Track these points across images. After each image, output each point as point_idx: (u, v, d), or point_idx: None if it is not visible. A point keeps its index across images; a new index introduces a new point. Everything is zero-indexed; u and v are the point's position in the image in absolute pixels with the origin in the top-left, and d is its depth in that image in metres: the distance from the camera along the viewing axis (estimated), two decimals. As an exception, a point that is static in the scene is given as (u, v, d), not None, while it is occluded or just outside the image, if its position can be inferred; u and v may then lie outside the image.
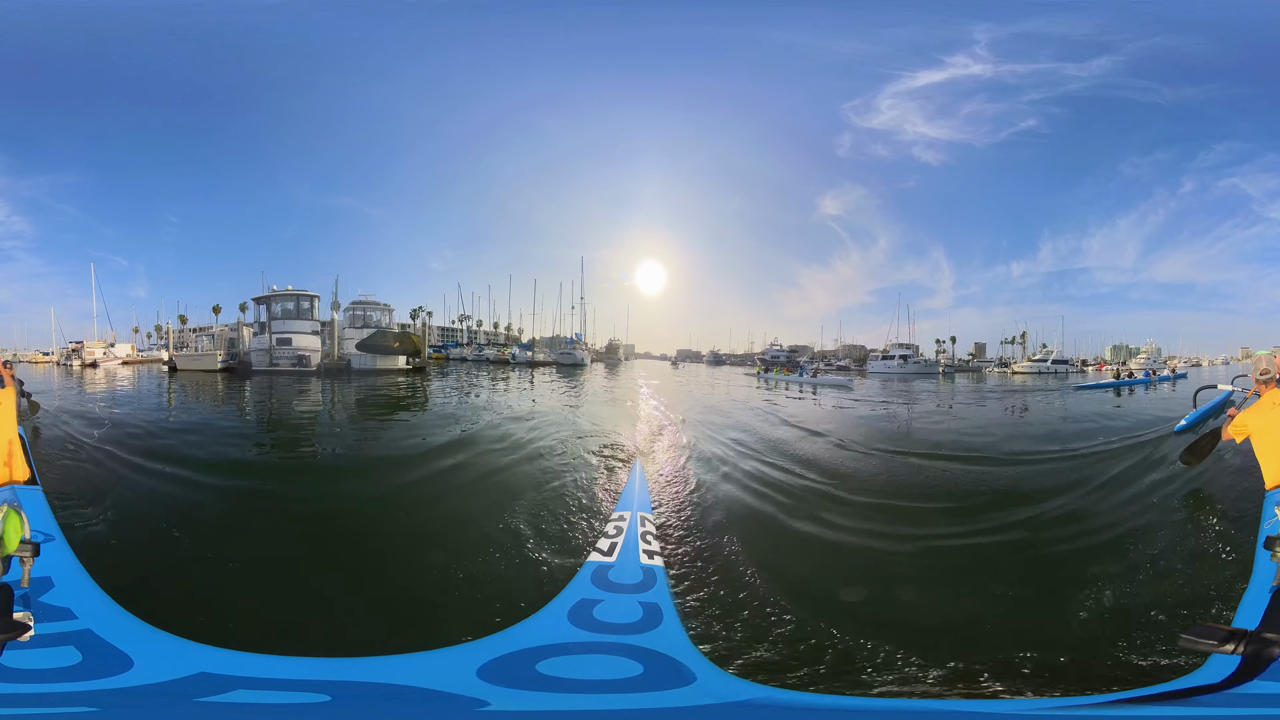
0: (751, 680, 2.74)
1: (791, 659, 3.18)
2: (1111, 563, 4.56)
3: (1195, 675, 2.47)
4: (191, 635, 2.71)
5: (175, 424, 12.02)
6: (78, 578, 3.09)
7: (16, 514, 2.65)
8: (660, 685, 2.43)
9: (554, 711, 2.28)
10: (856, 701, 2.74)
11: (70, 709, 2.19)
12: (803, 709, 2.51)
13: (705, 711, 2.33)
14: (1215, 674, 2.35)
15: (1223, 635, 2.29)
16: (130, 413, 13.39)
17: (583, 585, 3.25)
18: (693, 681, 2.47)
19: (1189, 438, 9.46)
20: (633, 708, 2.30)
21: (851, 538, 5.40)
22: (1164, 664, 3.08)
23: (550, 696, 2.33)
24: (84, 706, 2.21)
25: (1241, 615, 2.89)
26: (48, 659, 2.42)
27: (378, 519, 5.96)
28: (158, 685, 2.35)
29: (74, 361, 37.60)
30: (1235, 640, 2.26)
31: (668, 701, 2.34)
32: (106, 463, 7.67)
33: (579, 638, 2.77)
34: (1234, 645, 2.25)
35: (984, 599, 4.13)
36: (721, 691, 2.45)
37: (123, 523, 5.31)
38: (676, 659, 2.59)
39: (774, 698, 2.53)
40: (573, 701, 2.30)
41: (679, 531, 5.21)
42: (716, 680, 2.53)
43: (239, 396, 18.60)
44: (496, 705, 2.30)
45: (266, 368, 27.10)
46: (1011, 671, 3.08)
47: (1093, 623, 3.65)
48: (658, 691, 2.39)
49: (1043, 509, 6.06)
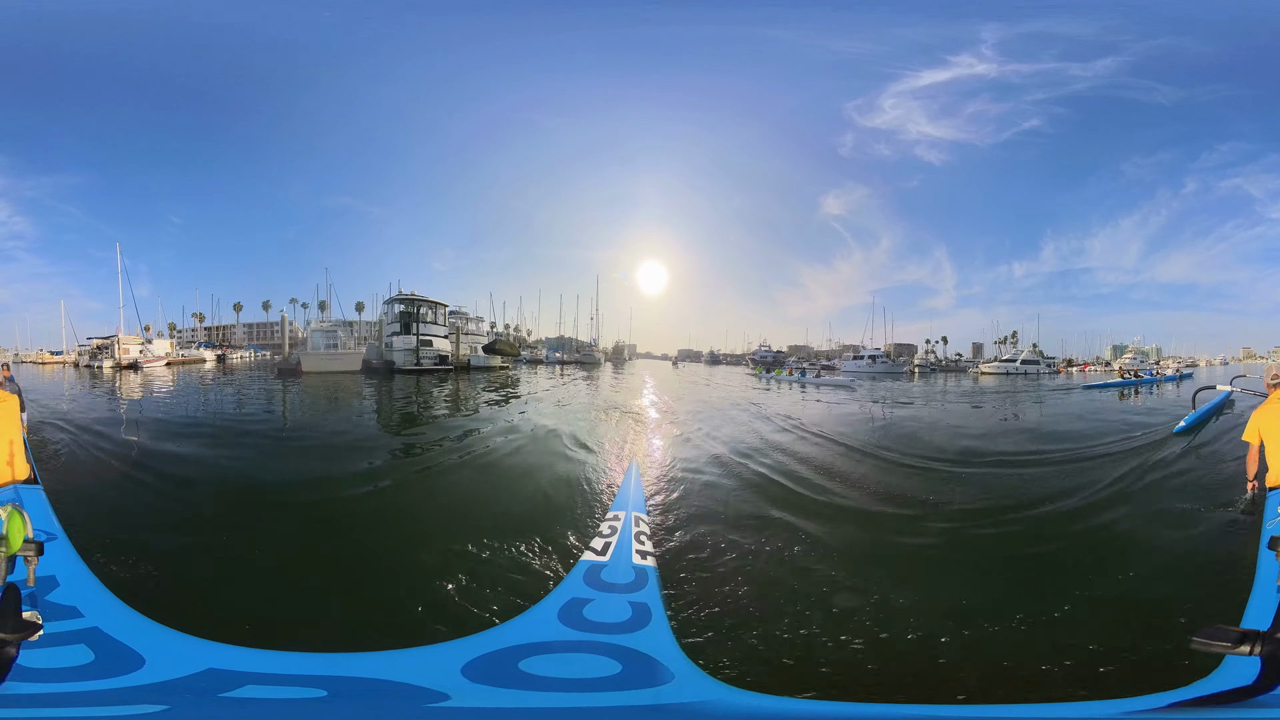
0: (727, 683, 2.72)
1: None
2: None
3: (1215, 679, 2.39)
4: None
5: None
6: (82, 576, 3.11)
7: (19, 514, 2.64)
8: (636, 684, 2.43)
9: (526, 709, 2.26)
10: (833, 706, 2.75)
11: (90, 709, 2.17)
12: (778, 713, 2.49)
13: (674, 710, 2.32)
14: (1238, 677, 2.27)
15: (1235, 636, 2.20)
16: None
17: (575, 584, 3.25)
18: (669, 681, 2.47)
19: (1188, 438, 9.46)
20: (604, 705, 2.29)
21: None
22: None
23: (525, 694, 2.32)
24: (103, 706, 2.19)
25: (1250, 616, 2.82)
26: (61, 658, 2.42)
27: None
28: (171, 682, 2.34)
29: (101, 362, 32.20)
30: (1249, 641, 2.18)
31: (640, 700, 2.33)
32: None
33: (565, 636, 2.76)
34: (1249, 647, 2.17)
35: (985, 601, 4.06)
36: (694, 691, 2.44)
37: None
38: (655, 658, 2.59)
39: (747, 701, 2.52)
40: (547, 699, 2.29)
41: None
42: (692, 680, 2.52)
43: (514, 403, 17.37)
44: (471, 702, 2.30)
45: (412, 367, 28.77)
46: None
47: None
48: (632, 690, 2.39)
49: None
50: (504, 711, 2.26)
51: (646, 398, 19.84)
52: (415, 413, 15.69)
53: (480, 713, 2.27)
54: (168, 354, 35.22)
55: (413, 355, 29.28)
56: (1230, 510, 5.45)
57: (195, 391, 20.73)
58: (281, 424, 13.31)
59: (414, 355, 29.29)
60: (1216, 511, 5.58)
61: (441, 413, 15.74)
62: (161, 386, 21.98)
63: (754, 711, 2.46)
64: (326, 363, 28.20)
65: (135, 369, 30.94)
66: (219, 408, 15.82)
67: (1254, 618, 2.77)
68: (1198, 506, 5.81)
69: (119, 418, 13.37)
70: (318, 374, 26.69)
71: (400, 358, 29.04)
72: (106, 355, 32.27)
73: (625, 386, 25.61)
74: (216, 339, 41.16)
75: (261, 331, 45.07)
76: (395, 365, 28.74)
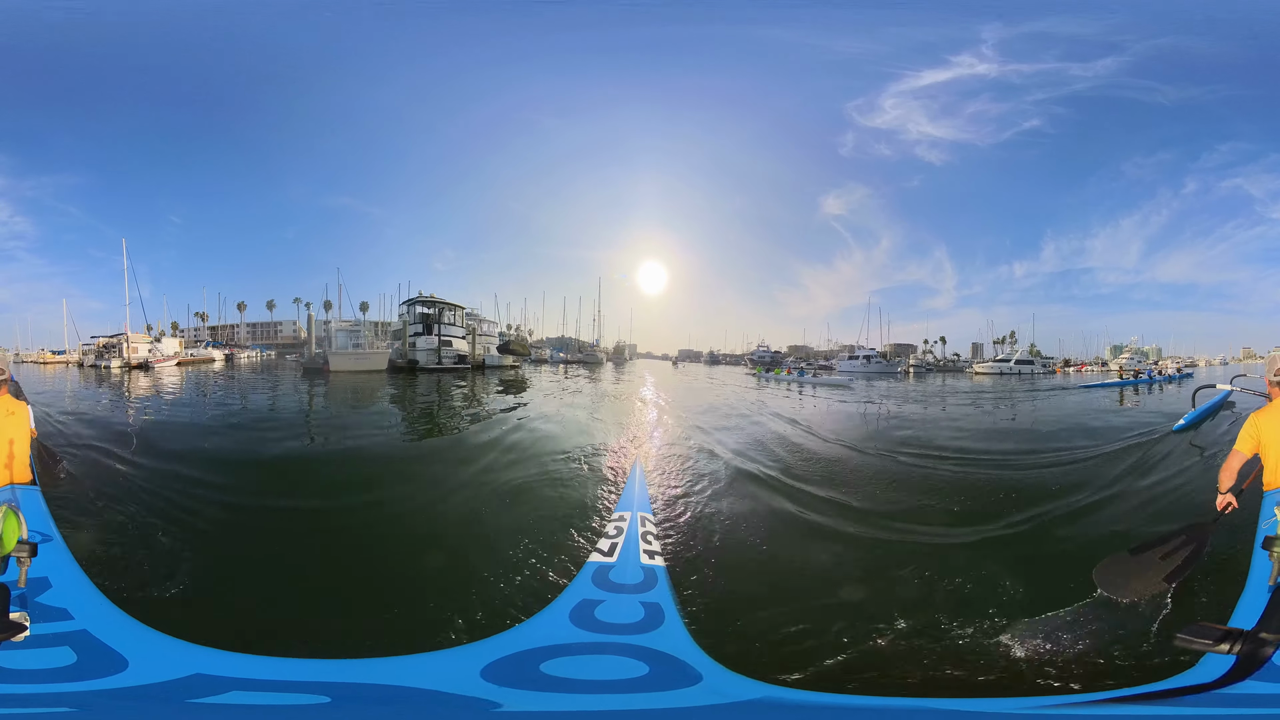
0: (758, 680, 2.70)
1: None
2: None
3: (1187, 675, 2.44)
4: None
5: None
6: (75, 579, 3.06)
7: (14, 514, 2.65)
8: (667, 685, 2.41)
9: (564, 712, 2.25)
10: (863, 700, 2.71)
11: (62, 709, 2.16)
12: (809, 707, 2.47)
13: (715, 711, 2.30)
14: (1207, 673, 2.34)
15: (1218, 635, 2.27)
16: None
17: (584, 586, 3.23)
18: (699, 681, 2.45)
19: (1188, 435, 9.52)
20: (641, 708, 2.28)
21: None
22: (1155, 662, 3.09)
23: (558, 697, 2.31)
24: (74, 707, 2.18)
25: (1239, 615, 2.85)
26: (43, 659, 2.40)
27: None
28: (152, 686, 2.33)
29: (109, 361, 30.85)
30: (1231, 640, 2.25)
31: (676, 701, 2.31)
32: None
33: (582, 638, 2.74)
34: (1229, 645, 2.24)
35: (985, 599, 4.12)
36: (729, 691, 2.42)
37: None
38: (681, 659, 2.57)
39: (782, 696, 2.49)
40: (581, 702, 2.28)
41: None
42: (723, 679, 2.49)
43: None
44: (507, 706, 2.27)
45: (434, 366, 30.13)
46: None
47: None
48: (665, 691, 2.37)
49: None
50: (543, 715, 2.25)
51: (647, 393, 21.57)
52: (479, 412, 15.26)
53: (520, 716, 2.25)
54: (177, 353, 34.34)
55: (435, 355, 30.38)
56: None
57: (233, 395, 18.21)
58: (406, 431, 12.07)
59: (436, 355, 30.41)
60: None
61: (498, 406, 15.93)
62: (187, 387, 20.12)
63: (794, 707, 2.44)
64: (354, 362, 28.54)
65: (145, 369, 29.79)
66: (293, 418, 13.82)
67: (1242, 616, 2.81)
68: (1194, 506, 5.85)
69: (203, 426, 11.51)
70: (346, 374, 27.03)
71: (423, 357, 30.11)
72: (114, 355, 31.20)
73: (626, 382, 28.14)
74: (223, 339, 40.95)
75: (264, 331, 44.99)
76: (419, 364, 29.72)
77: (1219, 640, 2.25)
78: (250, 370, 33.17)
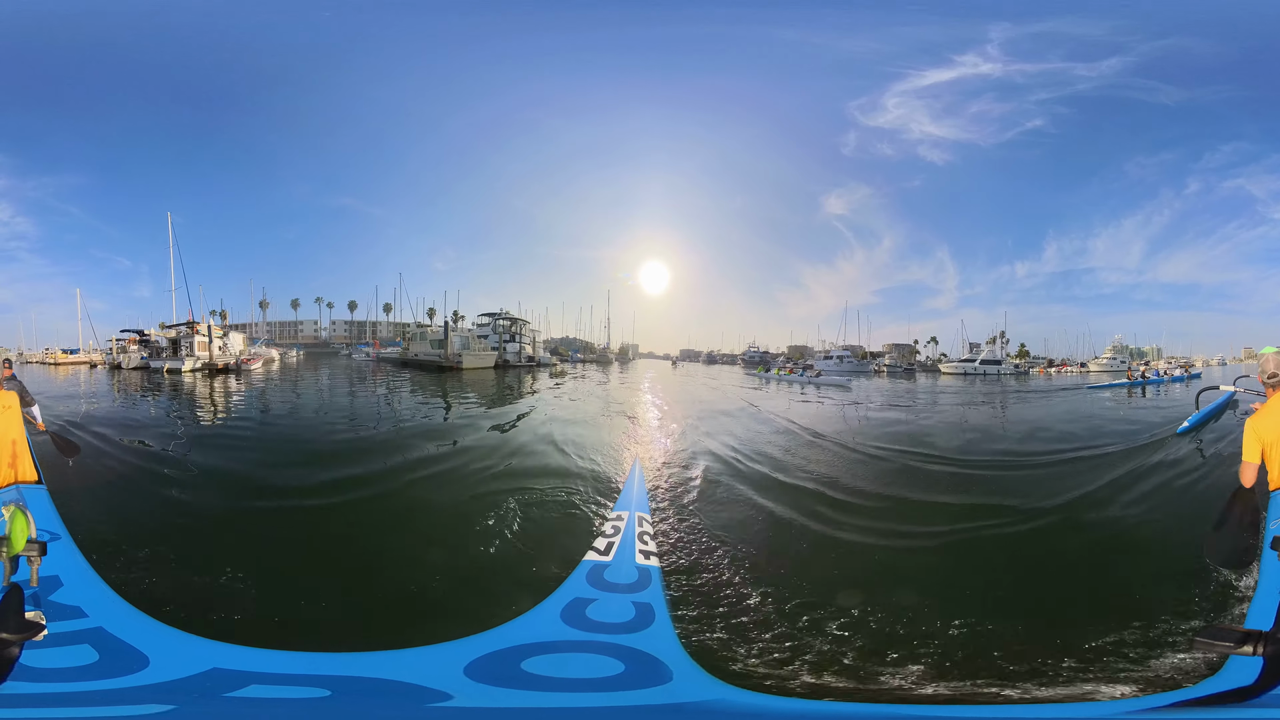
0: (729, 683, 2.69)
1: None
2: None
3: (1219, 679, 2.37)
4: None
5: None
6: (85, 576, 3.11)
7: (22, 514, 2.63)
8: (638, 684, 2.41)
9: (530, 709, 2.24)
10: (832, 706, 2.72)
11: (94, 709, 2.16)
12: (767, 713, 2.47)
13: (674, 710, 2.31)
14: (1240, 677, 2.26)
15: (1238, 636, 2.19)
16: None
17: (578, 584, 3.23)
18: (669, 680, 2.45)
19: (1191, 438, 9.42)
20: (607, 705, 2.28)
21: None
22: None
23: (527, 694, 2.30)
24: (108, 706, 2.17)
25: (1253, 616, 2.79)
26: (65, 658, 2.41)
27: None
28: (176, 682, 2.34)
29: (166, 363, 21.68)
30: (1252, 641, 2.17)
31: (639, 700, 2.32)
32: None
33: (569, 636, 2.74)
34: (1252, 647, 2.16)
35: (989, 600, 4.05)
36: (694, 690, 2.42)
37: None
38: (658, 658, 2.57)
39: (740, 700, 2.49)
40: (551, 699, 2.27)
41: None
42: (691, 680, 2.50)
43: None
44: (474, 702, 2.28)
45: (516, 363, 41.75)
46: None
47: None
48: (632, 690, 2.37)
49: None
50: (506, 711, 2.25)
51: (645, 384, 26.59)
52: (608, 395, 21.26)
53: (482, 713, 2.25)
54: (242, 351, 29.90)
55: (518, 356, 42.98)
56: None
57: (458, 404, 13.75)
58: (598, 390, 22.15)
59: (519, 356, 43.11)
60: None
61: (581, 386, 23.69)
62: (339, 402, 12.92)
63: (754, 710, 2.43)
64: (478, 360, 38.05)
65: (234, 373, 22.25)
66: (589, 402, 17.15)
67: (1257, 618, 2.74)
68: (1200, 506, 5.79)
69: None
70: (471, 370, 35.05)
71: (511, 358, 42.19)
72: (174, 353, 24.03)
73: (631, 379, 31.88)
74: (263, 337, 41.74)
75: (286, 330, 45.90)
76: (509, 363, 41.25)
77: (1240, 642, 2.17)
78: (311, 369, 30.66)
